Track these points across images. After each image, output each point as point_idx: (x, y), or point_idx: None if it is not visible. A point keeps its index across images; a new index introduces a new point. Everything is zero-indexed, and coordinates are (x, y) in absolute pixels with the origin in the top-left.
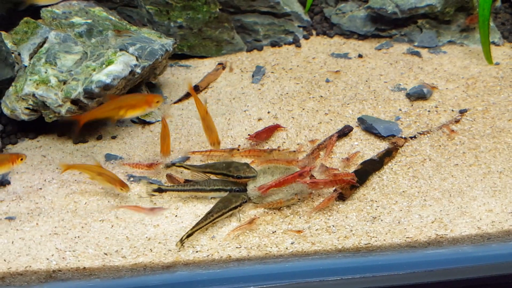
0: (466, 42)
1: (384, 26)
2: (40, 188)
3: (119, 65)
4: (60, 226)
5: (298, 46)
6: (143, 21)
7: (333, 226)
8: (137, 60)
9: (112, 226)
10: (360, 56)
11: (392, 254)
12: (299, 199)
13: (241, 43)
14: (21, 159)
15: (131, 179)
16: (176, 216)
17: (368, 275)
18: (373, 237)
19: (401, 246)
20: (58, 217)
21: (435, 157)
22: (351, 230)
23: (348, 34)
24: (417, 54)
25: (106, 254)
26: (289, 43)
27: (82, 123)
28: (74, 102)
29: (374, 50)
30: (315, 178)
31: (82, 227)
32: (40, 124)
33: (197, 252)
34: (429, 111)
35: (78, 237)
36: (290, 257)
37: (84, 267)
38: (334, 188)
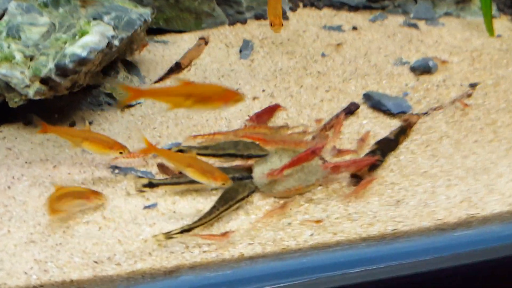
0: (463, 14)
1: None
2: (8, 187)
3: (95, 36)
4: (37, 232)
5: (285, 18)
6: None
7: (354, 213)
8: (114, 30)
9: (100, 228)
10: (354, 28)
11: (417, 239)
12: (320, 185)
13: (223, 15)
14: (99, 198)
15: (116, 171)
16: (174, 212)
17: (393, 263)
18: (399, 222)
19: (429, 229)
20: (34, 221)
21: (452, 134)
22: (375, 216)
23: (338, 6)
24: (415, 26)
25: (96, 262)
26: None
27: (135, 97)
28: (44, 81)
29: (368, 22)
30: (327, 161)
31: (64, 231)
32: (2, 111)
33: (204, 252)
34: (437, 85)
35: (60, 244)
36: (310, 250)
37: (72, 280)
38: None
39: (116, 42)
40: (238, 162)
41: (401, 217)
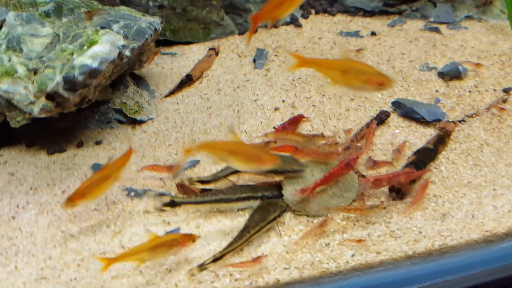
0: (485, 17)
1: (393, 1)
2: (13, 217)
3: (106, 45)
4: (48, 267)
5: (298, 26)
6: (114, 2)
7: (397, 229)
8: (124, 40)
9: None
10: (373, 34)
11: (463, 253)
12: (384, 207)
13: (232, 25)
14: (193, 241)
15: (132, 193)
16: (199, 236)
17: (438, 280)
18: (447, 236)
19: (477, 242)
20: (44, 255)
21: (492, 142)
22: (420, 232)
23: (352, 11)
24: (436, 30)
25: None
26: (287, 24)
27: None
28: (51, 96)
29: (387, 27)
30: (363, 174)
31: (79, 265)
32: (2, 133)
33: (236, 280)
34: (469, 91)
35: (75, 279)
36: (351, 272)
37: None
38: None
39: (127, 53)
40: (278, 178)
41: (449, 231)
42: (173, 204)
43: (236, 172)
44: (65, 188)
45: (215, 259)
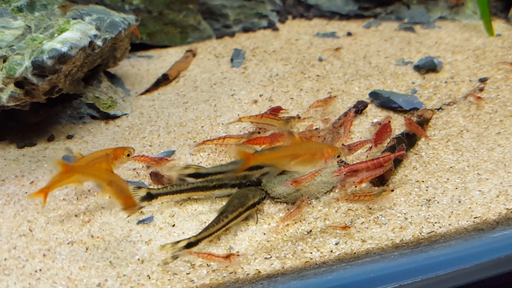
0: (458, 17)
1: (368, 4)
2: None
3: (76, 33)
4: (12, 257)
5: (275, 29)
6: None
7: (381, 216)
8: (97, 30)
9: (87, 249)
10: (349, 34)
11: (455, 244)
12: (392, 190)
13: (209, 29)
14: (128, 155)
15: None
16: (173, 225)
17: (431, 275)
18: (435, 223)
19: (467, 230)
20: (8, 245)
21: (472, 128)
22: (406, 218)
23: (329, 16)
24: (411, 29)
25: None
26: (264, 28)
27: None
28: (19, 84)
29: (362, 29)
30: (346, 163)
31: (44, 255)
32: None
33: (213, 271)
34: (445, 82)
35: (40, 270)
36: (336, 263)
37: None
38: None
39: (99, 42)
40: None
41: (436, 217)
42: (150, 197)
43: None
44: (33, 179)
45: (189, 244)
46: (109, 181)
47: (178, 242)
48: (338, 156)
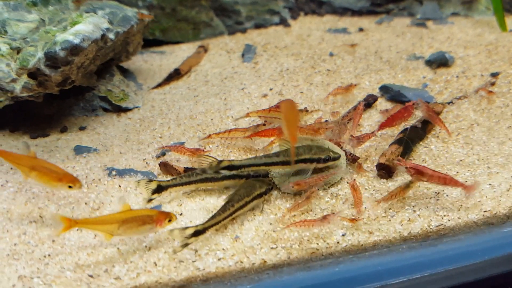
0: (471, 13)
1: (380, 1)
2: None
3: (89, 25)
4: (22, 242)
5: (287, 25)
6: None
7: (389, 208)
8: (110, 24)
9: (96, 235)
10: (361, 30)
11: (464, 238)
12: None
13: (221, 26)
14: (170, 220)
15: (113, 172)
16: (181, 214)
17: (440, 269)
18: (444, 216)
19: (477, 224)
20: (19, 231)
21: (482, 122)
22: (414, 211)
23: (341, 12)
24: (423, 25)
25: (91, 276)
26: (276, 24)
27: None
28: (32, 74)
29: (374, 25)
30: (351, 152)
31: (54, 240)
32: None
33: (219, 260)
34: (457, 76)
35: (49, 255)
36: (343, 255)
37: None
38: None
39: (111, 36)
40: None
41: (445, 210)
42: (160, 189)
43: (268, 164)
44: None
45: (197, 232)
46: (32, 167)
47: (186, 228)
48: (170, 221)
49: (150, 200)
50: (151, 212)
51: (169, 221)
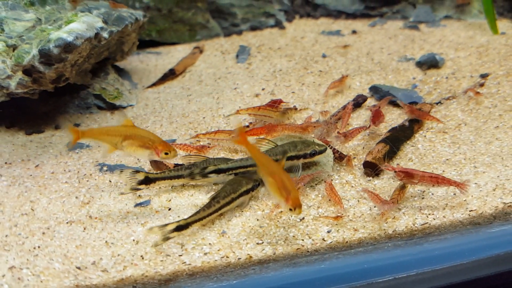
0: (463, 16)
1: (374, 4)
2: None
3: (82, 24)
4: (13, 233)
5: (282, 28)
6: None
7: (375, 206)
8: (104, 23)
9: (85, 228)
10: (354, 32)
11: (451, 238)
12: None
13: (217, 27)
14: (166, 153)
15: (104, 168)
16: (169, 209)
17: (426, 269)
18: (429, 214)
19: (463, 223)
20: (10, 223)
21: (470, 122)
22: (399, 209)
23: (335, 15)
24: (416, 28)
25: (79, 268)
26: (271, 26)
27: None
28: (27, 71)
29: (367, 27)
30: (338, 150)
31: (44, 233)
32: None
33: (205, 254)
34: (446, 77)
35: (39, 247)
36: (328, 251)
37: None
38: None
39: (105, 35)
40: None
41: (430, 209)
42: (147, 181)
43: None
44: (38, 163)
45: (179, 227)
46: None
47: (166, 225)
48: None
49: (135, 190)
50: (154, 137)
51: (166, 154)
